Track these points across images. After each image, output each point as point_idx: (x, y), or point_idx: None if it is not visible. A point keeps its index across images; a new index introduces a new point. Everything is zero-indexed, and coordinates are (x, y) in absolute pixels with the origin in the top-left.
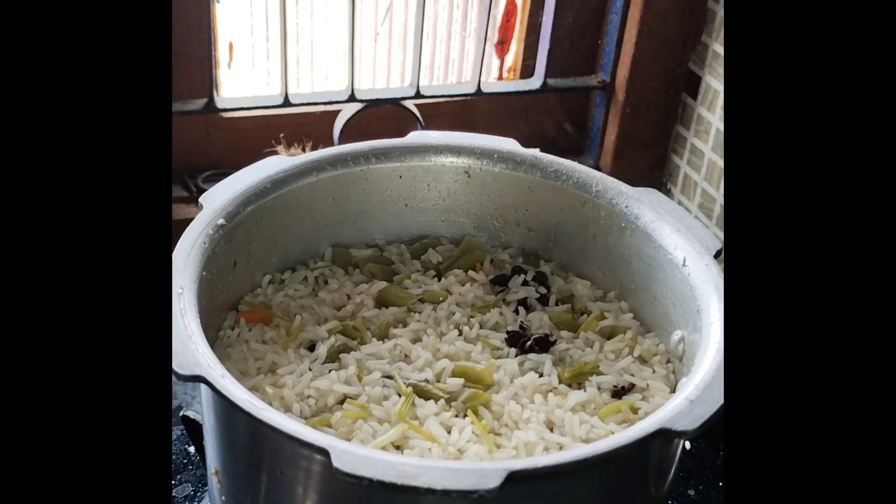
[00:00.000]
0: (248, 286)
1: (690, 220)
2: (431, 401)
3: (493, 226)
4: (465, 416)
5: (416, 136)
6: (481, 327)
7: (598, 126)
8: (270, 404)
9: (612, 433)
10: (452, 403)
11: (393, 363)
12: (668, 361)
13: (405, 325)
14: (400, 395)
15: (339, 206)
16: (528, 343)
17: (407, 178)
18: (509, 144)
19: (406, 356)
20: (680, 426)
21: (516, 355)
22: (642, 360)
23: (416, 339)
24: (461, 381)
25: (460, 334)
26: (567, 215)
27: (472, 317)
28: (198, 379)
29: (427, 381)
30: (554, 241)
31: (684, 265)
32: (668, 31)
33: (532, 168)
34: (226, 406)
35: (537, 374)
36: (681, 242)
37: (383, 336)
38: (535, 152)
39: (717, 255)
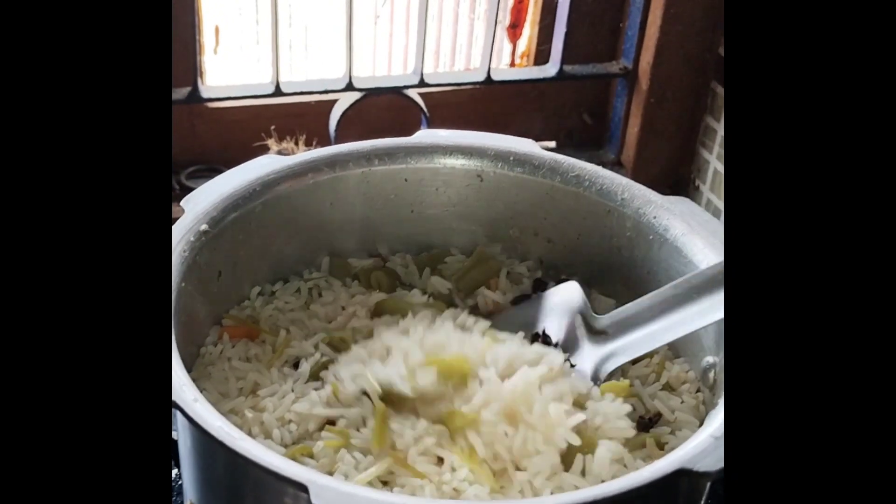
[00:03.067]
0: (235, 299)
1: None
2: (409, 422)
3: (509, 235)
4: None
5: (423, 135)
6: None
7: (619, 117)
8: (250, 430)
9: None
10: (436, 426)
11: (370, 361)
12: (699, 391)
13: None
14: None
15: (338, 212)
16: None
17: (413, 181)
18: (526, 145)
19: (388, 352)
20: (702, 467)
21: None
22: (670, 387)
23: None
24: (433, 373)
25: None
26: (590, 225)
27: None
28: None
29: (401, 377)
30: (575, 254)
31: None
32: (697, 13)
33: (551, 172)
34: (198, 434)
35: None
36: (714, 258)
37: (368, 336)
38: (554, 155)
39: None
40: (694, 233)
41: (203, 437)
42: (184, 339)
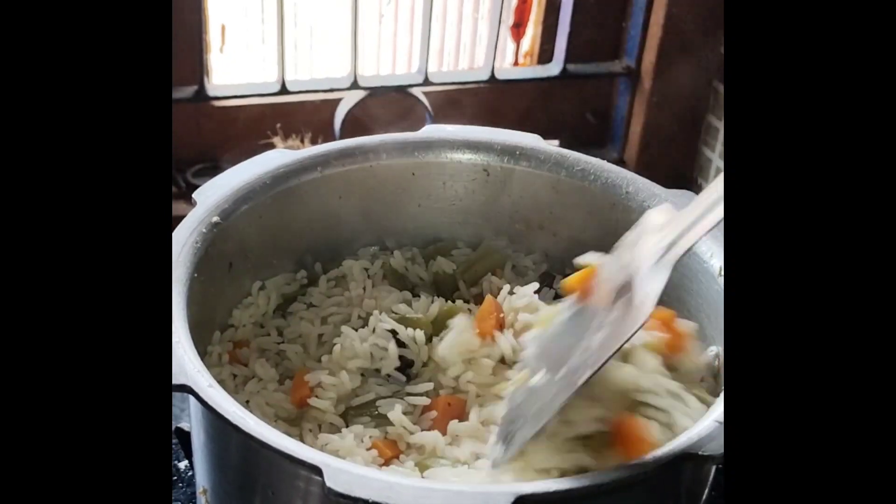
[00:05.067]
0: (246, 289)
1: None
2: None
3: (514, 229)
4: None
5: (430, 130)
6: None
7: (622, 116)
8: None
9: None
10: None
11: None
12: (703, 380)
13: None
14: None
15: (346, 205)
16: None
17: (420, 175)
18: (532, 140)
19: None
20: (707, 450)
21: None
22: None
23: None
24: None
25: None
26: (595, 219)
27: None
28: (183, 389)
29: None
30: (580, 247)
31: (720, 275)
32: (699, 12)
33: (557, 167)
34: (213, 419)
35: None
36: (717, 249)
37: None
38: (560, 150)
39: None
40: None
41: (217, 422)
42: (195, 329)
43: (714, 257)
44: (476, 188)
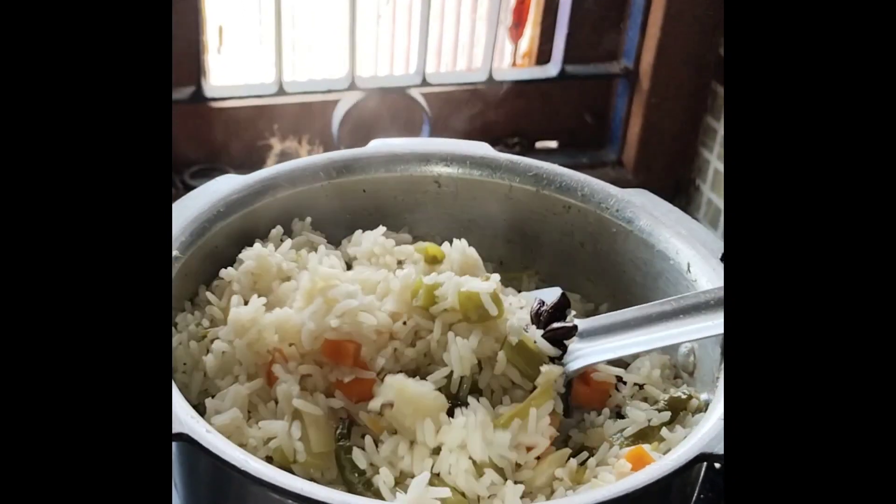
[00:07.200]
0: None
1: (689, 221)
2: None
3: (468, 239)
4: None
5: (378, 145)
6: None
7: (620, 117)
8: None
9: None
10: None
11: None
12: (677, 377)
13: None
14: None
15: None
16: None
17: (371, 191)
18: (482, 149)
19: None
20: (721, 449)
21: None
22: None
23: None
24: None
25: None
26: (550, 223)
27: None
28: (180, 437)
29: None
30: (535, 253)
31: (689, 271)
32: (697, 13)
33: (509, 173)
34: (214, 464)
35: None
36: (682, 246)
37: None
38: (510, 156)
39: (723, 258)
40: (659, 223)
41: (222, 467)
42: None
43: (680, 254)
44: (428, 200)
